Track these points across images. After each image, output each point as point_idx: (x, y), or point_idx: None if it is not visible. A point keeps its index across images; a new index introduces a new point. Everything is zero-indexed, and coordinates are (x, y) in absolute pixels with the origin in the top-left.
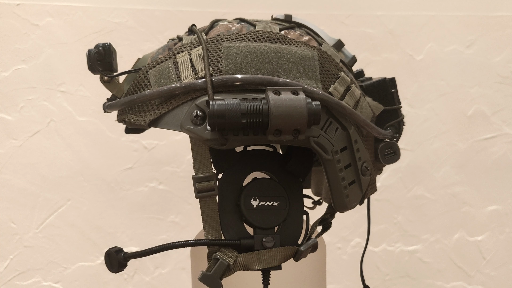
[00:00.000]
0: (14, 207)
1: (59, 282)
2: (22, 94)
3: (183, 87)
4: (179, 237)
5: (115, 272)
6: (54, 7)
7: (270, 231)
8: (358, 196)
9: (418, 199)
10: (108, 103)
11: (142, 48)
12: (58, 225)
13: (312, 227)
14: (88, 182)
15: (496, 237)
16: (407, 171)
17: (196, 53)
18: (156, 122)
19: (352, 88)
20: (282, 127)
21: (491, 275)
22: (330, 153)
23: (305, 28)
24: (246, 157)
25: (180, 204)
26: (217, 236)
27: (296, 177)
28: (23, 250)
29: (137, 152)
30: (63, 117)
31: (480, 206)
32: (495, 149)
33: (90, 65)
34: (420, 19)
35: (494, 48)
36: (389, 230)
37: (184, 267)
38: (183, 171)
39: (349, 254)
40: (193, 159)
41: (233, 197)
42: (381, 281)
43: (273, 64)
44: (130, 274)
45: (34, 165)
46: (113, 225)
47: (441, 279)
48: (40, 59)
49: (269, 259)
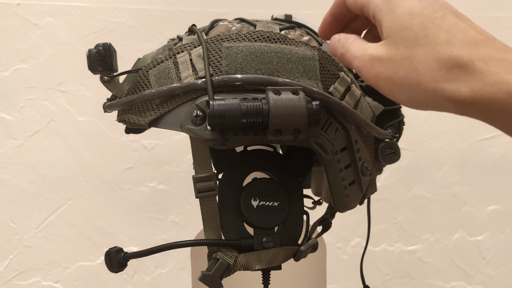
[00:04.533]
0: (14, 207)
1: (59, 282)
2: (22, 94)
3: (183, 87)
4: (179, 237)
5: (115, 272)
6: (54, 7)
7: (270, 231)
8: (358, 196)
9: (418, 199)
10: (108, 103)
11: (142, 48)
12: (58, 225)
13: (312, 227)
14: (88, 182)
15: (496, 237)
16: (407, 171)
17: (196, 53)
18: (156, 122)
19: (352, 88)
20: (282, 127)
21: (491, 275)
22: (330, 153)
23: (305, 28)
24: (246, 157)
25: (180, 204)
26: (217, 236)
27: (296, 177)
28: (23, 250)
29: (137, 152)
30: (63, 117)
31: (480, 206)
32: (495, 149)
33: (90, 65)
34: None
35: None
36: (389, 230)
37: (184, 267)
38: (183, 171)
39: (349, 254)
40: (193, 159)
41: (233, 197)
42: (381, 281)
43: (273, 64)
44: (130, 274)
45: (34, 165)
46: (113, 225)
47: (441, 279)
48: (40, 59)
49: (269, 259)
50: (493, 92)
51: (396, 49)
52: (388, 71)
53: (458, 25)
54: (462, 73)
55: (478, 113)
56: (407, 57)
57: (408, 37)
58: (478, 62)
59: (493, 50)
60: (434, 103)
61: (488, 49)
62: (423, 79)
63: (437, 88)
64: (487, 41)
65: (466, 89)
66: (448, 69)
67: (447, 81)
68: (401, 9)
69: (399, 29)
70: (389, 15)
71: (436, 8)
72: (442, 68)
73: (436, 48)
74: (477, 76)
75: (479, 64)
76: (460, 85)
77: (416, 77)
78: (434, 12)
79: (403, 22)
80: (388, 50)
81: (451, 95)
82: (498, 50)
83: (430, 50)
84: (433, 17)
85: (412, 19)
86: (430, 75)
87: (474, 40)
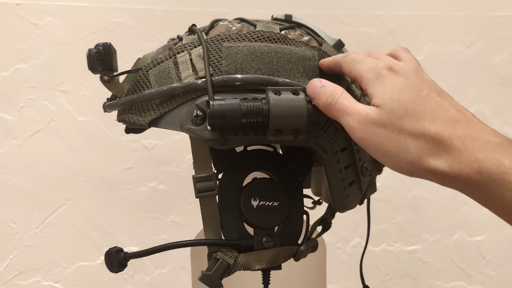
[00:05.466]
0: (14, 207)
1: (59, 281)
2: (22, 94)
3: (183, 87)
4: (179, 237)
5: (115, 272)
6: (54, 6)
7: (270, 231)
8: (358, 196)
9: (417, 199)
10: (108, 103)
11: (142, 48)
12: (58, 225)
13: (312, 227)
14: (88, 182)
15: (496, 237)
16: None
17: (196, 53)
18: (156, 122)
19: (353, 88)
20: (282, 127)
21: (491, 275)
22: (330, 153)
23: (305, 28)
24: (246, 157)
25: (180, 204)
26: (217, 236)
27: (296, 177)
28: (23, 250)
29: (137, 152)
30: (63, 116)
31: (480, 206)
32: None
33: (90, 65)
34: (420, 19)
35: (494, 48)
36: (389, 230)
37: (184, 267)
38: (183, 171)
39: (349, 254)
40: (193, 159)
41: (233, 197)
42: (381, 281)
43: (273, 64)
44: (130, 274)
45: (34, 165)
46: (113, 225)
47: (441, 279)
48: (40, 59)
49: (269, 259)
50: (465, 169)
51: (389, 118)
52: (380, 137)
53: (442, 104)
54: (442, 150)
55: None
56: (398, 127)
57: (400, 108)
58: (456, 140)
59: (470, 129)
60: (417, 173)
61: (466, 128)
62: (410, 150)
63: (422, 160)
64: (466, 120)
65: (446, 165)
66: (432, 144)
67: (429, 156)
68: (391, 84)
69: (390, 100)
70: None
71: (422, 87)
72: (428, 142)
73: (423, 123)
74: (455, 153)
75: (457, 142)
76: (441, 160)
77: (405, 147)
78: (421, 90)
79: (394, 95)
80: (381, 117)
81: (432, 169)
82: (475, 129)
83: (418, 125)
84: (420, 95)
85: (402, 94)
86: (416, 147)
87: (454, 119)
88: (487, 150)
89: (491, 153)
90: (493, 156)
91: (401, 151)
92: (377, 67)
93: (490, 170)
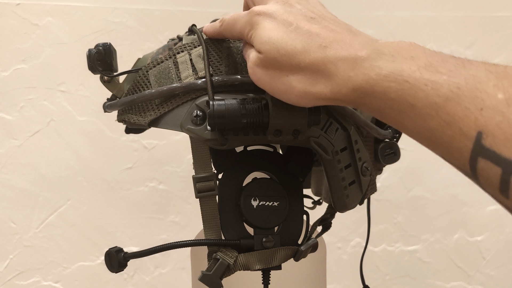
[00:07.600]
0: (14, 207)
1: (59, 281)
2: (22, 94)
3: (183, 87)
4: (179, 237)
5: (115, 272)
6: (54, 6)
7: (270, 231)
8: (358, 196)
9: (418, 200)
10: (108, 103)
11: (142, 48)
12: (58, 225)
13: (312, 227)
14: (88, 182)
15: (496, 237)
16: (407, 171)
17: (196, 53)
18: (156, 122)
19: None
20: (282, 127)
21: (491, 275)
22: (330, 153)
23: None
24: (246, 157)
25: (180, 204)
26: (217, 236)
27: (296, 177)
28: (23, 250)
29: (137, 152)
30: (63, 117)
31: (480, 206)
32: None
33: (90, 65)
34: (420, 20)
35: (494, 48)
36: (389, 230)
37: (184, 267)
38: (183, 171)
39: (349, 254)
40: (193, 159)
41: (233, 197)
42: (381, 281)
43: None
44: (130, 274)
45: (34, 165)
46: (113, 225)
47: (441, 279)
48: (40, 59)
49: (269, 259)
50: (343, 90)
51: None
52: (267, 78)
53: (311, 32)
54: (321, 77)
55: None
56: (278, 67)
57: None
58: (330, 65)
59: (340, 49)
60: (309, 102)
61: (337, 49)
62: (294, 85)
63: (306, 91)
64: (336, 42)
65: (327, 90)
66: (310, 74)
67: (312, 85)
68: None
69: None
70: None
71: (290, 21)
72: (306, 74)
73: (297, 57)
74: (331, 77)
75: (330, 67)
76: (322, 86)
77: (289, 83)
78: (289, 25)
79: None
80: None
81: (317, 96)
82: (345, 48)
83: (292, 60)
84: (288, 31)
85: (271, 34)
86: (298, 81)
87: (324, 44)
88: (356, 68)
89: (359, 68)
90: (360, 71)
91: (287, 87)
92: (248, 18)
93: (361, 85)
